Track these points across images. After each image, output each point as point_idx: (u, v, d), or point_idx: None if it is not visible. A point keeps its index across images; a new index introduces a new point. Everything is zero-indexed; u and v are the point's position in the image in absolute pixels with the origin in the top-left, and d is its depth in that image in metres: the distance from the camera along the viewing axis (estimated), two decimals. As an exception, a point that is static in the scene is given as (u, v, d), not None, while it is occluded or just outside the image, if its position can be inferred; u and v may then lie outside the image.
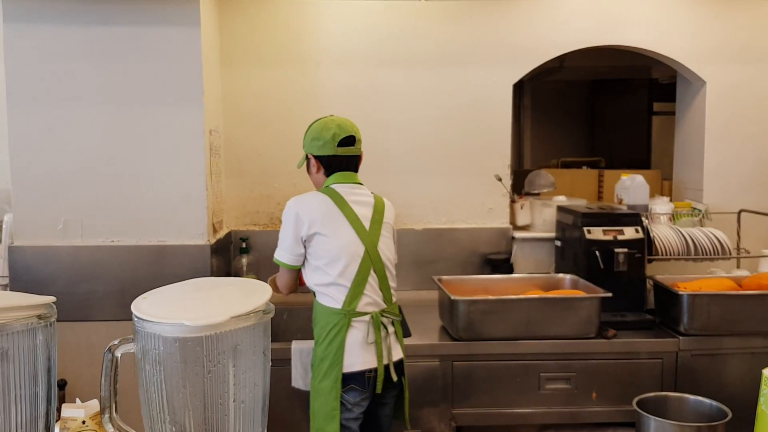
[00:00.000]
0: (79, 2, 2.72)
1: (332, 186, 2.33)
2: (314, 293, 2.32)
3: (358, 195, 2.33)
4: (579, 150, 6.67)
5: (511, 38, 3.39)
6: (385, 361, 2.25)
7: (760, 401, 1.39)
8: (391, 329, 2.30)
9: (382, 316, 2.27)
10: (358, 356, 2.23)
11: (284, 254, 2.30)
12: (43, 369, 1.21)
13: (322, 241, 2.24)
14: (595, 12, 3.39)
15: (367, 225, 2.29)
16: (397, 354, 2.32)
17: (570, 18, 3.39)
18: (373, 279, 2.27)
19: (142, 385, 1.12)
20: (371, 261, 2.26)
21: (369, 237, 2.28)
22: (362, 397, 2.24)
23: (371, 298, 2.26)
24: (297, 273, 2.37)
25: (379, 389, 2.24)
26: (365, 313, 2.24)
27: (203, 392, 1.07)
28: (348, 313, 2.22)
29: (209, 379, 1.06)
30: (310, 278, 2.31)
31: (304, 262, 2.31)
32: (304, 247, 2.28)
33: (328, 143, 2.31)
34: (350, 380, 2.22)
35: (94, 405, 1.60)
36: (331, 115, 2.40)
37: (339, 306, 2.23)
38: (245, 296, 1.12)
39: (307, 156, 2.39)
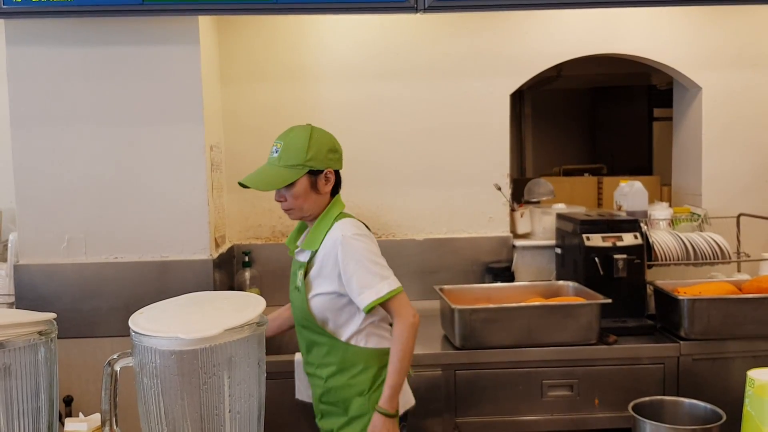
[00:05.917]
0: (79, 23, 2.77)
1: (345, 211, 2.09)
2: (350, 339, 2.03)
3: None
4: (581, 157, 6.69)
5: (507, 49, 3.42)
6: None
7: (746, 402, 1.40)
8: None
9: None
10: (407, 392, 2.11)
11: (394, 279, 1.97)
12: (45, 384, 1.23)
13: None
14: (590, 21, 3.41)
15: None
16: None
17: (565, 27, 3.41)
18: None
19: (140, 397, 1.14)
20: None
21: None
22: None
23: None
24: None
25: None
26: None
27: (200, 404, 1.09)
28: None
29: (205, 391, 1.09)
30: (364, 320, 2.01)
31: (344, 303, 2.00)
32: None
33: (341, 155, 2.07)
34: (402, 420, 2.08)
35: (96, 419, 1.63)
36: (309, 124, 2.08)
37: (388, 344, 2.00)
38: (239, 309, 1.15)
39: (320, 172, 2.01)
